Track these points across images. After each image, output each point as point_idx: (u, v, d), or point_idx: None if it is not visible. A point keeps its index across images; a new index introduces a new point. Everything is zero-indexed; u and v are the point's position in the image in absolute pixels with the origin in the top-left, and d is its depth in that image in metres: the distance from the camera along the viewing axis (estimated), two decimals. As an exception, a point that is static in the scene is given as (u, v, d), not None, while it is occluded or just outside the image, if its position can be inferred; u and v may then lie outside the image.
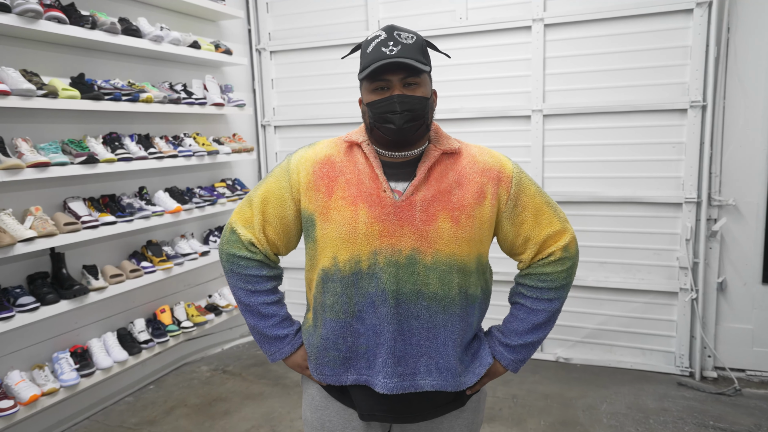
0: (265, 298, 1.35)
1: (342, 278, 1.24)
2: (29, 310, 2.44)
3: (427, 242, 1.21)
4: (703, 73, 3.13)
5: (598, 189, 3.43)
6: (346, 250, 1.23)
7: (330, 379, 1.31)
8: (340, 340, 1.27)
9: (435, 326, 1.23)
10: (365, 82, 1.23)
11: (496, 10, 3.50)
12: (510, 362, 1.34)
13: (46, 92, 2.48)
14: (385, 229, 1.21)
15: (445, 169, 1.27)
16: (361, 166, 1.27)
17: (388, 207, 1.22)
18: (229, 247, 1.35)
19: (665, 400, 2.97)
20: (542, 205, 1.31)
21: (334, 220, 1.24)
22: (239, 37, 4.08)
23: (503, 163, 1.30)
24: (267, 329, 1.36)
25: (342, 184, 1.26)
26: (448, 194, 1.24)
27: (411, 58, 1.18)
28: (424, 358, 1.24)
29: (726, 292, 3.32)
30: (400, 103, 1.19)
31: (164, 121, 3.42)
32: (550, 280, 1.31)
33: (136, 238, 3.23)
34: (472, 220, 1.24)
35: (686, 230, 3.25)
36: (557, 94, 3.45)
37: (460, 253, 1.23)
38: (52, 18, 2.50)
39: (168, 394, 3.17)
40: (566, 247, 1.31)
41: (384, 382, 1.23)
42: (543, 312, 1.33)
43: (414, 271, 1.21)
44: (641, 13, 3.19)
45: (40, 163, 2.44)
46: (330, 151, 1.32)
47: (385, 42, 1.19)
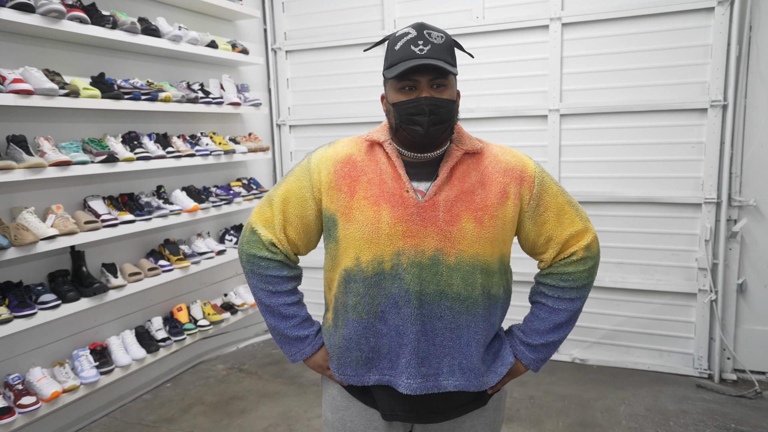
0: (285, 298, 1.34)
1: (365, 279, 1.23)
2: (51, 308, 2.47)
3: (450, 243, 1.20)
4: (724, 72, 3.09)
5: (615, 189, 3.40)
6: (369, 250, 1.22)
7: (352, 379, 1.30)
8: (362, 341, 1.26)
9: (458, 327, 1.23)
10: (392, 80, 1.21)
11: (513, 9, 3.48)
12: (531, 361, 1.34)
13: (68, 92, 2.50)
14: (408, 229, 1.21)
15: (468, 169, 1.26)
16: (383, 165, 1.26)
17: (411, 207, 1.21)
18: (249, 248, 1.34)
19: (684, 402, 2.94)
20: (564, 205, 1.30)
21: (357, 221, 1.23)
22: (255, 37, 4.09)
23: (525, 163, 1.29)
24: (288, 330, 1.35)
25: (364, 184, 1.25)
26: (472, 194, 1.23)
27: (441, 59, 1.16)
28: (447, 358, 1.24)
29: (746, 294, 3.28)
30: (428, 106, 1.17)
31: (181, 120, 3.44)
32: (572, 279, 1.30)
33: (153, 236, 3.25)
34: (495, 221, 1.23)
35: (705, 231, 3.21)
36: (574, 93, 3.42)
37: (484, 253, 1.22)
38: (74, 18, 2.52)
39: (185, 392, 3.19)
40: (588, 246, 1.30)
41: (408, 382, 1.23)
42: (564, 311, 1.32)
43: (437, 272, 1.20)
44: (661, 12, 3.16)
45: (62, 162, 2.46)
46: (351, 150, 1.30)
47: (414, 40, 1.17)
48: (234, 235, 3.69)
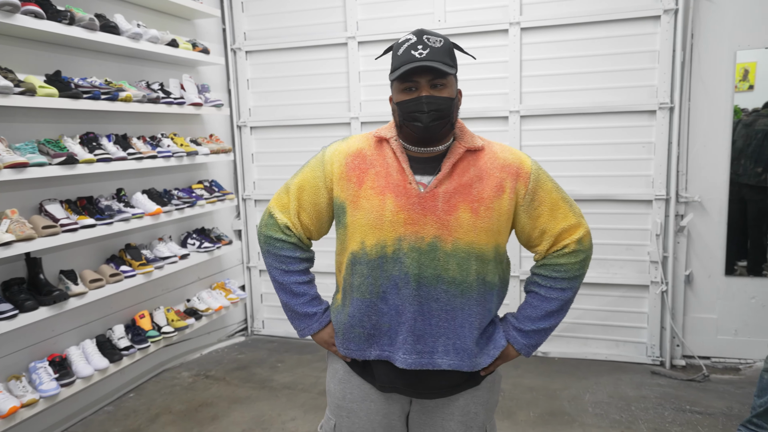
0: (297, 277, 1.46)
1: (369, 261, 1.33)
2: (7, 318, 2.32)
3: (447, 231, 1.30)
4: (670, 77, 3.30)
5: (573, 187, 3.56)
6: (374, 235, 1.32)
7: (355, 353, 1.40)
8: (365, 318, 1.36)
9: (453, 309, 1.32)
10: (396, 82, 1.33)
11: (473, 13, 3.58)
12: (523, 346, 1.42)
13: (23, 89, 2.37)
14: (410, 217, 1.31)
15: (468, 164, 1.35)
16: (389, 160, 1.37)
17: (413, 198, 1.31)
18: (267, 230, 1.47)
19: (642, 388, 3.11)
20: (558, 201, 1.38)
21: (364, 208, 1.34)
22: (214, 37, 4.01)
23: (522, 160, 1.38)
24: (298, 306, 1.46)
25: (372, 176, 1.36)
26: (469, 187, 1.32)
27: (439, 61, 1.27)
28: (442, 338, 1.33)
29: (692, 284, 3.50)
30: (427, 104, 1.28)
31: (140, 121, 3.33)
32: (563, 270, 1.38)
33: (112, 241, 3.13)
34: (490, 212, 1.32)
35: (656, 226, 3.41)
36: (534, 95, 3.56)
37: (478, 241, 1.31)
38: (29, 12, 2.39)
39: (150, 402, 3.08)
40: (580, 240, 1.38)
41: (404, 357, 1.33)
42: (556, 300, 1.40)
43: (435, 257, 1.30)
44: (612, 19, 3.34)
45: (18, 164, 2.33)
46: (361, 144, 1.42)
47: (414, 45, 1.28)
48: (196, 238, 3.60)
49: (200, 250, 3.55)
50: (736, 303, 3.44)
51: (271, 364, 3.57)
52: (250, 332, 4.27)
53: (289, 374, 3.40)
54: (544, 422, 2.74)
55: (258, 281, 4.28)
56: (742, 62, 3.28)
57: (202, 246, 3.55)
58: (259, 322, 4.29)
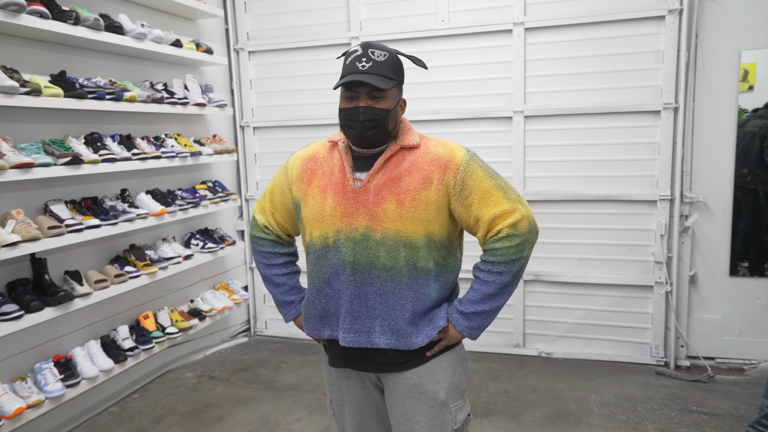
0: (277, 270, 1.65)
1: (315, 251, 1.50)
2: (13, 319, 2.32)
3: (376, 221, 1.42)
4: (674, 77, 3.29)
5: (577, 188, 3.55)
6: (318, 228, 1.48)
7: (313, 332, 1.56)
8: (316, 301, 1.52)
9: (385, 292, 1.44)
10: (341, 89, 1.44)
11: (477, 13, 3.58)
12: (464, 328, 1.49)
13: (29, 90, 2.37)
14: (345, 211, 1.45)
15: (400, 160, 1.46)
16: (336, 160, 1.51)
17: (349, 193, 1.45)
18: (252, 230, 1.68)
19: (648, 388, 3.10)
20: (490, 189, 1.44)
21: (310, 205, 1.50)
22: (217, 37, 4.00)
23: (454, 153, 1.46)
24: (279, 295, 1.66)
25: (319, 176, 1.51)
26: (398, 180, 1.44)
27: (380, 74, 1.38)
28: (378, 320, 1.45)
29: (697, 285, 3.50)
30: (363, 113, 1.39)
31: (144, 121, 3.32)
32: (499, 254, 1.44)
33: (116, 242, 3.12)
34: (416, 202, 1.42)
35: (660, 226, 3.41)
36: (537, 95, 3.55)
37: (405, 230, 1.42)
38: (34, 12, 2.39)
39: (155, 403, 3.07)
40: (514, 224, 1.43)
41: (344, 336, 1.47)
42: (493, 284, 1.46)
43: (367, 246, 1.43)
44: (616, 19, 3.34)
45: (24, 164, 2.33)
46: (317, 149, 1.58)
47: (359, 57, 1.39)
48: (200, 239, 3.59)
49: (204, 250, 3.54)
50: (740, 303, 3.44)
51: (275, 365, 3.56)
52: (254, 333, 4.26)
53: (293, 375, 3.39)
54: (551, 423, 2.74)
55: (261, 282, 4.28)
56: (743, 63, 3.28)
57: (206, 246, 3.55)
58: (262, 322, 4.29)
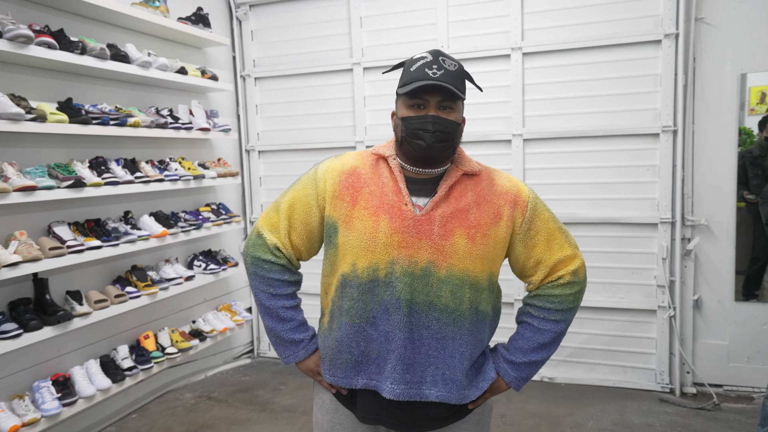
0: (285, 302, 1.40)
1: (359, 284, 1.29)
2: (12, 337, 2.38)
3: (442, 256, 1.27)
4: (672, 100, 3.29)
5: (577, 210, 3.54)
6: (366, 257, 1.28)
7: (341, 381, 1.35)
8: (353, 344, 1.32)
9: (444, 338, 1.28)
10: (404, 97, 1.30)
11: (476, 39, 3.64)
12: (513, 379, 1.38)
13: (34, 116, 2.47)
14: (404, 240, 1.27)
15: (465, 189, 1.33)
16: (385, 179, 1.33)
17: (408, 220, 1.28)
18: (254, 250, 1.40)
19: (649, 416, 3.03)
20: (555, 231, 1.36)
21: (356, 229, 1.30)
22: (224, 64, 4.13)
23: (520, 188, 1.37)
24: (284, 333, 1.40)
25: (366, 195, 1.32)
26: (466, 213, 1.30)
27: (451, 84, 1.26)
28: (431, 368, 1.28)
29: (702, 310, 3.43)
30: (433, 123, 1.26)
31: (150, 145, 3.43)
32: (558, 302, 1.35)
33: (120, 263, 3.19)
34: (486, 239, 1.29)
35: (662, 249, 3.37)
36: (536, 119, 3.58)
37: (473, 269, 1.28)
38: (42, 43, 2.51)
39: (152, 423, 3.10)
40: (575, 271, 1.36)
41: (392, 387, 1.28)
42: (549, 332, 1.37)
43: (428, 283, 1.26)
44: (614, 43, 3.36)
45: (27, 187, 2.42)
46: (356, 162, 1.38)
47: (429, 64, 1.27)
48: (203, 260, 3.65)
49: (206, 271, 3.60)
50: (747, 329, 3.36)
51: (273, 387, 3.57)
52: (257, 354, 4.29)
53: (290, 396, 3.40)
54: (546, 450, 2.69)
55: (264, 303, 4.30)
56: (759, 85, 3.27)
57: (208, 268, 3.61)
58: (265, 344, 4.31)
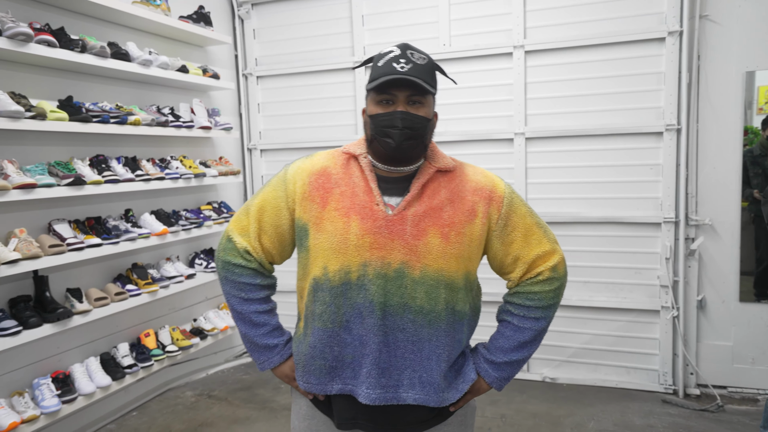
0: (257, 306, 1.36)
1: (331, 288, 1.25)
2: (11, 334, 2.39)
3: (416, 256, 1.23)
4: (676, 98, 3.26)
5: (580, 209, 3.51)
6: (337, 260, 1.24)
7: (315, 387, 1.31)
8: (326, 349, 1.28)
9: (420, 340, 1.25)
10: (372, 93, 1.26)
11: (478, 37, 3.61)
12: (494, 379, 1.34)
13: (34, 114, 2.48)
14: (376, 241, 1.23)
15: (439, 186, 1.29)
16: (356, 178, 1.29)
17: (380, 220, 1.24)
18: (224, 255, 1.36)
19: (651, 417, 3.00)
20: (532, 226, 1.33)
21: (327, 231, 1.26)
22: (226, 63, 4.13)
23: (495, 183, 1.33)
24: (258, 338, 1.36)
25: (336, 196, 1.28)
26: (440, 211, 1.26)
27: (420, 78, 1.21)
28: (408, 371, 1.25)
29: (706, 310, 3.39)
30: (402, 119, 1.22)
31: (151, 144, 3.43)
32: (537, 299, 1.32)
33: (121, 261, 3.20)
34: (461, 237, 1.26)
35: (666, 249, 3.33)
36: (539, 117, 3.55)
37: (448, 268, 1.24)
38: (42, 41, 2.51)
39: (152, 421, 3.10)
40: (555, 267, 1.32)
41: (367, 392, 1.24)
42: (529, 330, 1.33)
43: (402, 284, 1.23)
44: (617, 41, 3.33)
45: (27, 185, 2.43)
46: (327, 162, 1.34)
47: (397, 58, 1.23)
48: (204, 259, 3.65)
49: (207, 270, 3.60)
50: (752, 330, 3.31)
51: (274, 385, 3.57)
52: (258, 353, 4.28)
53: (290, 395, 3.38)
54: (546, 450, 2.67)
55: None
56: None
57: (210, 266, 3.61)
58: (266, 342, 4.30)
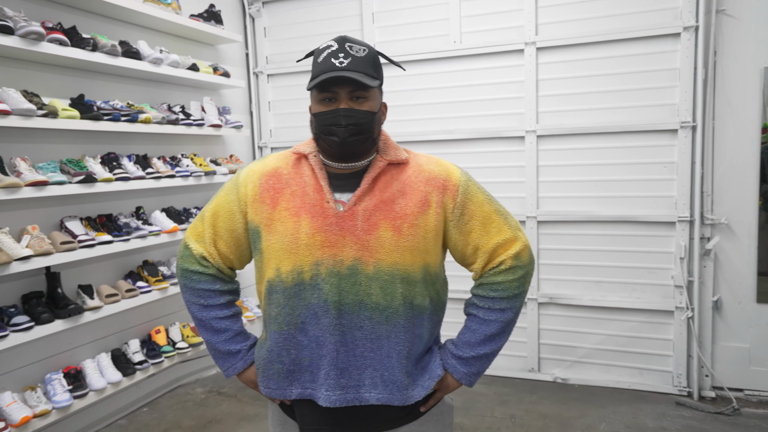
0: (217, 312, 1.33)
1: (285, 289, 1.23)
2: (23, 330, 2.42)
3: (368, 252, 1.20)
4: (692, 95, 3.19)
5: (592, 208, 3.47)
6: (289, 261, 1.22)
7: (275, 393, 1.28)
8: (283, 353, 1.25)
9: (378, 337, 1.21)
10: (314, 91, 1.23)
11: (489, 34, 3.58)
12: (463, 375, 1.30)
13: (46, 112, 2.51)
14: (327, 239, 1.21)
15: (390, 179, 1.26)
16: (306, 177, 1.27)
17: (331, 218, 1.22)
18: (182, 262, 1.35)
19: (664, 419, 2.95)
20: (491, 213, 1.28)
21: (278, 231, 1.24)
22: (237, 61, 4.14)
23: (450, 172, 1.29)
24: (219, 344, 1.33)
25: (287, 196, 1.26)
26: (391, 203, 1.23)
27: (361, 71, 1.18)
28: (368, 370, 1.22)
29: (721, 311, 3.33)
30: (345, 117, 1.19)
31: (162, 142, 3.45)
32: (501, 289, 1.27)
33: (132, 258, 3.23)
34: (415, 229, 1.22)
35: (680, 249, 3.27)
36: (550, 115, 3.51)
37: (403, 262, 1.21)
38: (54, 40, 2.54)
39: (162, 417, 3.12)
40: (517, 255, 1.27)
41: (327, 395, 1.21)
42: (495, 322, 1.28)
43: (356, 282, 1.20)
44: (630, 37, 3.27)
45: (39, 182, 2.45)
46: (278, 163, 1.32)
47: (335, 53, 1.19)
48: (214, 256, 3.67)
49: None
50: (769, 332, 3.25)
51: (283, 383, 3.57)
52: (268, 350, 4.30)
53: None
54: (555, 452, 2.64)
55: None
56: None
57: (220, 264, 3.62)
58: (277, 340, 4.32)
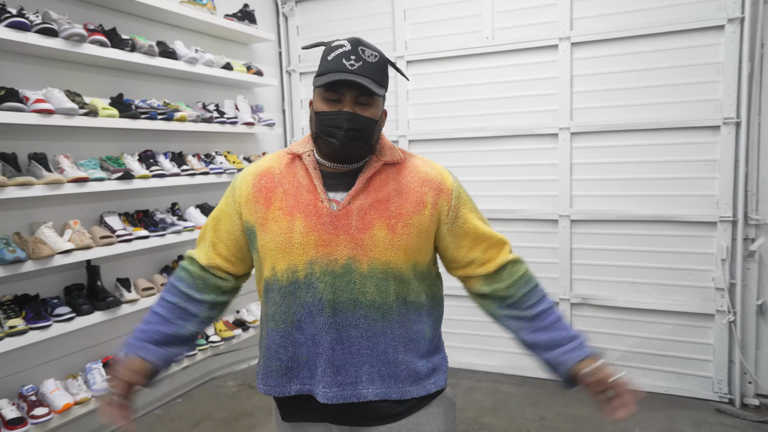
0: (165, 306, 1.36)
1: (280, 288, 1.25)
2: (65, 320, 2.53)
3: (362, 250, 1.21)
4: (736, 90, 3.06)
5: (628, 207, 3.37)
6: (283, 260, 1.24)
7: (274, 390, 1.29)
8: (281, 350, 1.27)
9: (374, 334, 1.23)
10: (320, 89, 1.23)
11: (522, 29, 3.52)
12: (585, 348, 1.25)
13: (87, 111, 2.60)
14: (321, 238, 1.21)
15: (386, 178, 1.27)
16: (300, 177, 1.28)
17: (324, 216, 1.22)
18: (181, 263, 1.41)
19: (702, 426, 2.85)
20: (479, 221, 1.32)
21: (272, 231, 1.25)
22: (270, 59, 4.20)
23: (444, 176, 1.32)
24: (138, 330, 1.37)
25: (280, 195, 1.27)
26: (386, 203, 1.24)
27: (370, 77, 1.19)
28: (366, 366, 1.23)
29: (766, 315, 3.19)
30: (347, 120, 1.20)
31: (197, 139, 3.54)
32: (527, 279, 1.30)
33: (167, 253, 3.32)
34: (409, 228, 1.23)
35: (722, 250, 3.15)
36: (585, 111, 3.43)
37: (396, 260, 1.22)
38: (95, 41, 2.63)
39: (195, 408, 3.21)
40: (511, 250, 1.33)
41: (324, 391, 1.22)
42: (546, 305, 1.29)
43: (350, 280, 1.21)
44: (670, 30, 3.17)
45: (80, 179, 2.55)
46: (271, 163, 1.34)
47: (347, 55, 1.19)
48: (247, 252, 3.74)
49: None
50: (817, 338, 3.09)
51: (313, 378, 3.62)
52: (299, 346, 4.35)
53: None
54: (587, 456, 2.58)
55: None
56: None
57: (252, 259, 3.69)
58: (307, 336, 4.37)
